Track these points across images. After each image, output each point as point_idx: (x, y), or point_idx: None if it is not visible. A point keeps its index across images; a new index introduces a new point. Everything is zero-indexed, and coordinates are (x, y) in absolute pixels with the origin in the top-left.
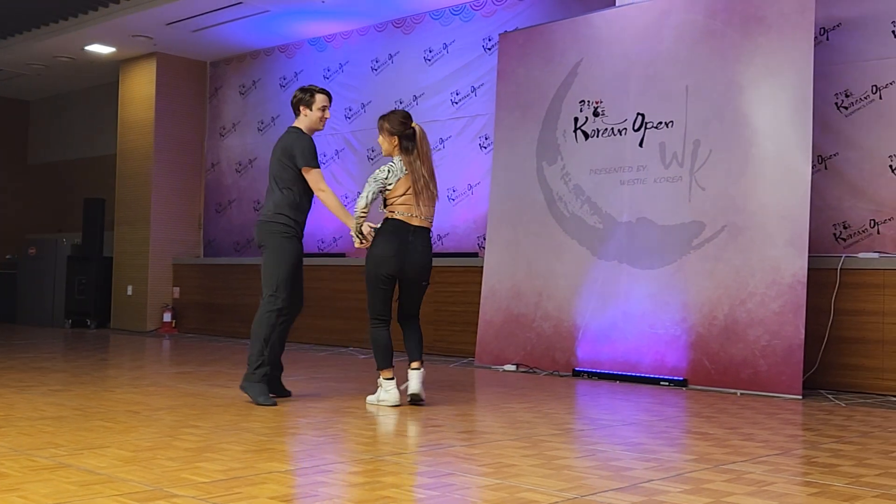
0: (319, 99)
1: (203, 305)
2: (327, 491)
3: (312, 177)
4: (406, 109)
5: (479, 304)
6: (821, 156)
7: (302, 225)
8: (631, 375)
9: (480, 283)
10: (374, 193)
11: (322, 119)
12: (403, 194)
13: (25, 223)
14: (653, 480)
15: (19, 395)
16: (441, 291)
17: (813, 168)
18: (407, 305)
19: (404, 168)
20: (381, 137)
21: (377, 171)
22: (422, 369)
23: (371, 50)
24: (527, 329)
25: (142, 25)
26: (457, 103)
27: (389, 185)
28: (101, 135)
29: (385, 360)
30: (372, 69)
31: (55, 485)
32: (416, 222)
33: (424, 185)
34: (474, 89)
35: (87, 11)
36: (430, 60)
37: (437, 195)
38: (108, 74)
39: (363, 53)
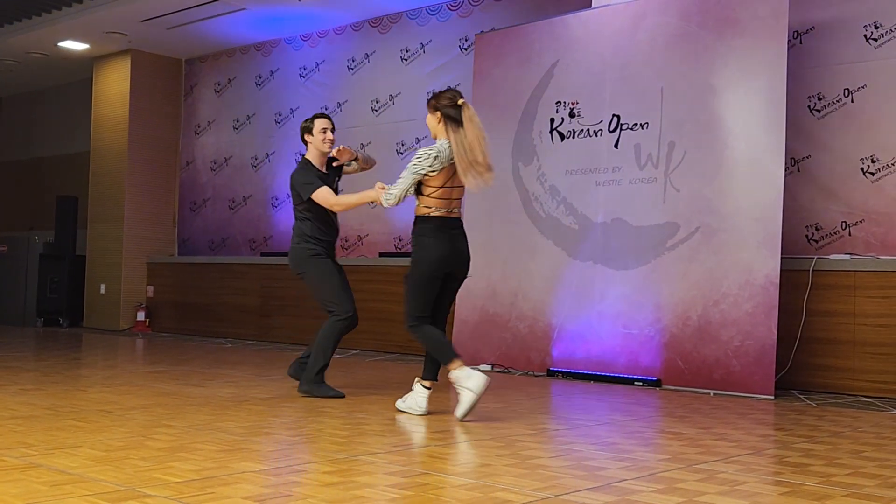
0: (318, 123)
1: (177, 304)
2: (301, 491)
3: (319, 199)
4: (381, 109)
5: (454, 303)
6: (794, 158)
7: (330, 244)
8: (605, 375)
9: None
10: (412, 186)
11: (325, 140)
12: (441, 186)
13: None
14: (626, 480)
15: None
16: None
17: (786, 170)
18: (446, 307)
19: (450, 154)
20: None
21: (417, 157)
22: None
23: (347, 49)
24: (502, 329)
25: (116, 22)
26: None
27: (433, 171)
28: (74, 132)
29: (452, 350)
30: (348, 68)
31: (25, 485)
32: (455, 214)
33: (472, 161)
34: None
35: (60, 7)
36: (406, 60)
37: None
38: (82, 71)
39: (340, 52)
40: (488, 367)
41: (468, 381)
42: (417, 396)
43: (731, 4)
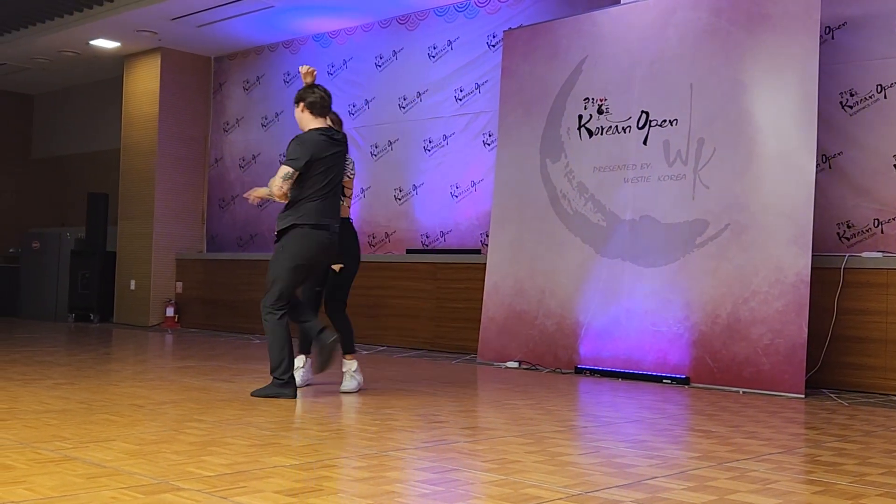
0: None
1: (205, 300)
2: (332, 485)
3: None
4: (409, 106)
5: (481, 300)
6: (825, 155)
7: None
8: (633, 373)
9: (483, 280)
10: None
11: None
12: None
13: (29, 217)
14: (657, 477)
15: (24, 389)
16: (443, 288)
17: (817, 167)
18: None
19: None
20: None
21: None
22: None
23: (375, 46)
24: (529, 326)
25: (147, 20)
26: (461, 100)
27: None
28: (104, 129)
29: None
30: (376, 65)
31: (61, 477)
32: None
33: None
34: (478, 86)
35: (92, 6)
36: (434, 57)
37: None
38: (113, 69)
39: (367, 50)
40: (515, 365)
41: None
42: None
43: (762, 0)
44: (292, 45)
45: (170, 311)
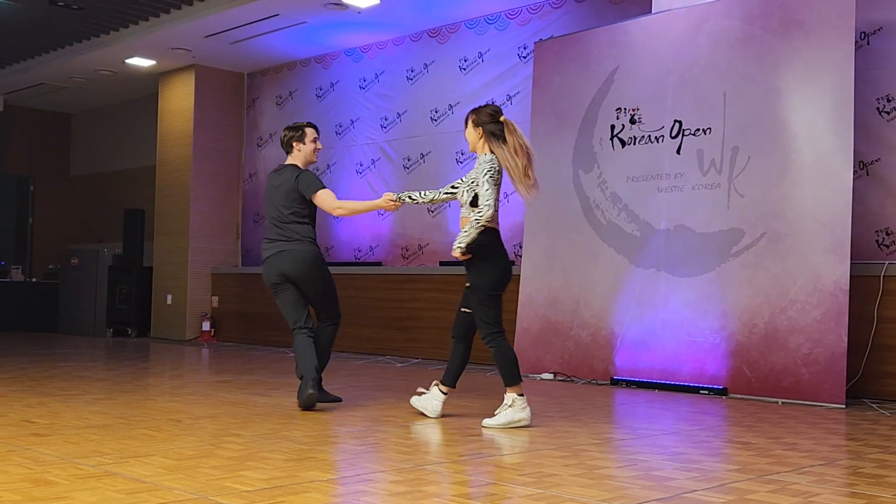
0: (310, 132)
1: (241, 315)
2: (369, 500)
3: (324, 199)
4: (441, 118)
5: (515, 311)
6: (862, 161)
7: None
8: (670, 384)
9: (516, 291)
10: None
11: (315, 151)
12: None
13: (67, 234)
14: (696, 491)
15: (64, 404)
16: None
17: (854, 174)
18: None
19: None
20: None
21: (486, 168)
22: None
23: (406, 59)
24: (564, 337)
25: (181, 38)
26: None
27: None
28: (140, 146)
29: (518, 375)
30: (407, 78)
31: (102, 493)
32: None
33: (524, 171)
34: (510, 98)
35: (127, 25)
36: (465, 69)
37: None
38: (148, 87)
39: (398, 63)
40: (550, 376)
41: (522, 412)
42: (434, 399)
43: (795, 6)
44: (324, 60)
45: (206, 326)
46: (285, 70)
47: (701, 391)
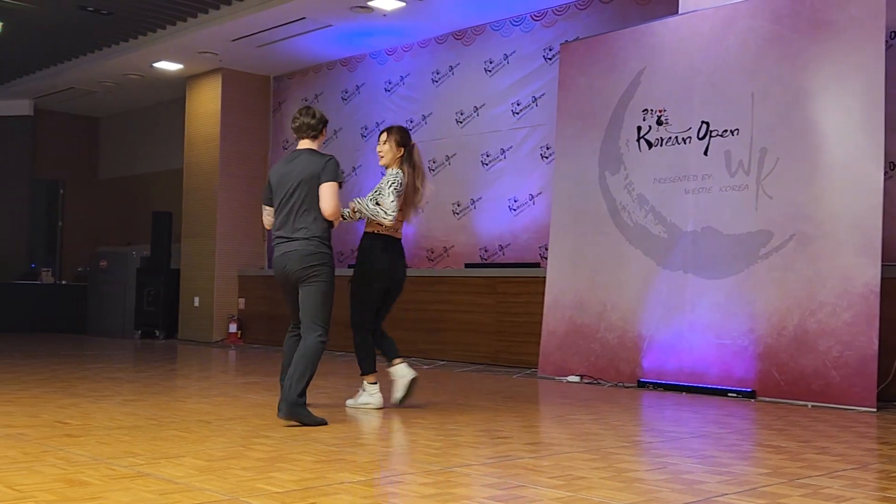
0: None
1: (267, 316)
2: (399, 502)
3: (333, 194)
4: (466, 120)
5: (541, 314)
6: (893, 162)
7: None
8: (697, 387)
9: (542, 294)
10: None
11: None
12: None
13: (96, 236)
14: (727, 495)
15: (95, 405)
16: (503, 302)
17: (885, 174)
18: (383, 315)
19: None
20: (387, 146)
21: (392, 180)
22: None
23: (432, 62)
24: (590, 340)
25: (208, 42)
26: (518, 113)
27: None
28: (168, 150)
29: (373, 366)
30: (433, 81)
31: (135, 493)
32: (399, 236)
33: (420, 198)
34: (535, 99)
35: (155, 30)
36: (490, 71)
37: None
38: (176, 90)
39: (424, 65)
40: (577, 379)
41: (370, 397)
42: (374, 394)
43: (824, 6)
44: (350, 63)
45: (233, 328)
46: (311, 73)
47: (729, 394)
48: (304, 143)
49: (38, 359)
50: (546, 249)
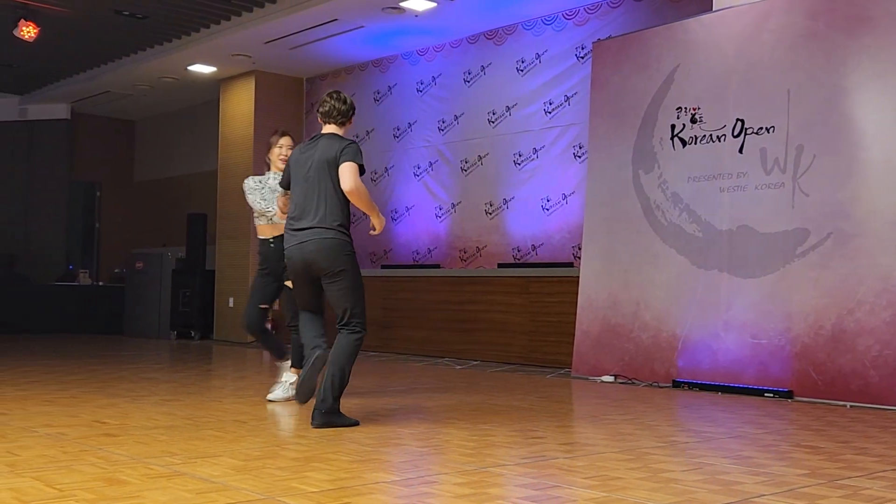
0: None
1: None
2: (434, 502)
3: (356, 176)
4: (498, 120)
5: (574, 314)
6: None
7: None
8: (733, 387)
9: (575, 293)
10: None
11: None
12: None
13: (132, 238)
14: (764, 495)
15: (133, 405)
16: (536, 302)
17: None
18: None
19: None
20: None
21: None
22: None
23: (463, 62)
24: (624, 339)
25: (242, 45)
26: (550, 113)
27: None
28: (202, 152)
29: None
30: (465, 81)
31: (173, 493)
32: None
33: None
34: (567, 98)
35: (189, 33)
36: (522, 71)
37: None
38: (210, 93)
39: (456, 65)
40: (611, 379)
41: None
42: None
43: (861, 1)
44: (382, 64)
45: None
46: (343, 74)
47: (765, 394)
48: (329, 128)
49: (77, 359)
50: (579, 249)
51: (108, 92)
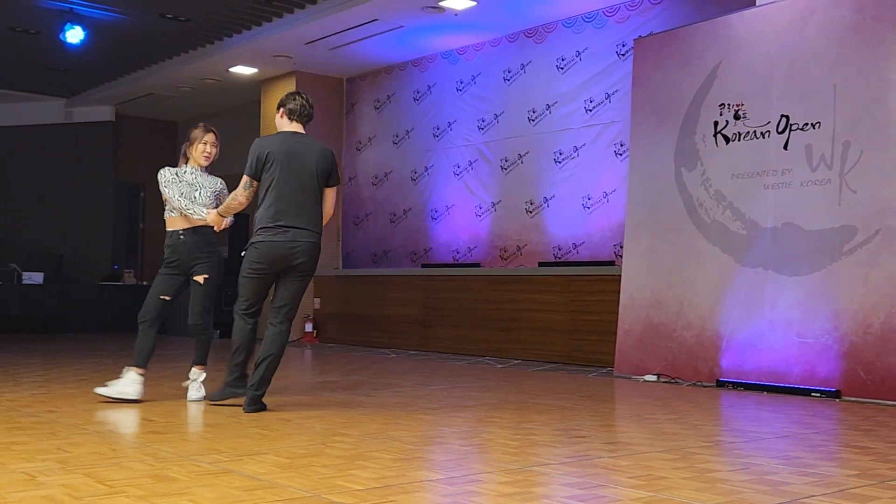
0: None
1: (342, 316)
2: (479, 501)
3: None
4: (538, 118)
5: (615, 312)
6: None
7: None
8: (779, 386)
9: (617, 292)
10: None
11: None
12: None
13: None
14: (814, 496)
15: (178, 403)
16: (578, 301)
17: None
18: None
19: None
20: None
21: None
22: None
23: (503, 60)
24: (668, 338)
25: (282, 46)
26: (591, 111)
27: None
28: (244, 152)
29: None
30: (504, 79)
31: (221, 490)
32: None
33: None
34: (608, 96)
35: (231, 35)
36: (562, 69)
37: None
38: (251, 94)
39: (495, 64)
40: (654, 378)
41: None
42: (134, 383)
43: None
44: (421, 63)
45: (308, 327)
46: (383, 74)
47: (812, 394)
48: (296, 126)
49: (123, 358)
50: (620, 247)
51: (151, 94)
